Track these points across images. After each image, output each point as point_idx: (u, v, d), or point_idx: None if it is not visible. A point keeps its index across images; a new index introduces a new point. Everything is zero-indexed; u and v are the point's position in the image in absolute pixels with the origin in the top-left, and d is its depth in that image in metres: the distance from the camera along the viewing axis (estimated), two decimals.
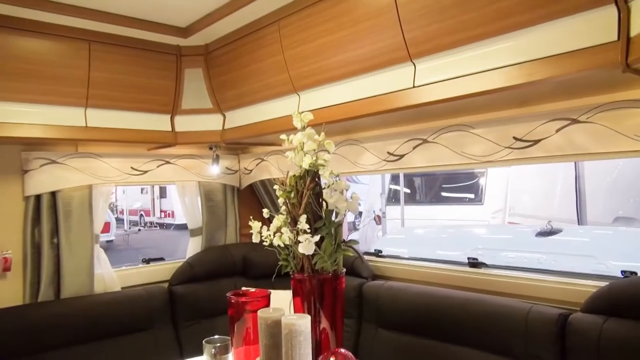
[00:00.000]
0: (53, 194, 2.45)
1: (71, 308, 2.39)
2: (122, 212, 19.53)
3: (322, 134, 1.65)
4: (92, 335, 2.38)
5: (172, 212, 17.45)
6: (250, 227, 3.24)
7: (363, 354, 2.33)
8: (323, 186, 1.72)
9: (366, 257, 2.73)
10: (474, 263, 2.35)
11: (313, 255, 1.69)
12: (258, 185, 3.12)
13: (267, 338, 1.54)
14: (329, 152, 1.70)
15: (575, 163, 5.23)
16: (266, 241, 1.78)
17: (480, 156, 1.92)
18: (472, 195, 7.74)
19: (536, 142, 1.76)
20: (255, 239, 1.79)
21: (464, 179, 7.95)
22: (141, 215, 19.07)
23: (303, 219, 1.61)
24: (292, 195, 1.73)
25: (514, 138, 1.82)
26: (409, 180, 8.90)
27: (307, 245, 1.60)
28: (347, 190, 1.72)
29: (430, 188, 8.69)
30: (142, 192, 19.02)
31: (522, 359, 1.83)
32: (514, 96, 1.67)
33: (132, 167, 2.72)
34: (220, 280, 2.85)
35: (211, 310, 2.74)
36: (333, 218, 1.73)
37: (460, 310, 2.10)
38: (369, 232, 8.22)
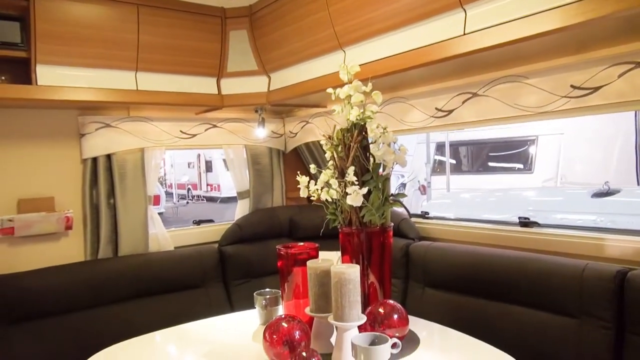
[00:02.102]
0: (108, 157, 2.55)
1: (128, 265, 2.51)
2: (170, 186, 20.14)
3: (370, 84, 1.62)
4: (147, 291, 2.50)
5: (218, 186, 17.84)
6: (296, 190, 3.27)
7: (410, 312, 2.31)
8: (370, 140, 1.71)
9: (413, 220, 2.71)
10: (525, 222, 2.29)
11: (361, 209, 1.70)
12: (303, 148, 3.13)
13: (316, 287, 1.56)
14: (376, 104, 1.68)
15: (635, 118, 4.94)
16: (314, 196, 1.78)
17: (535, 107, 1.84)
18: (520, 165, 7.50)
19: (596, 89, 1.66)
20: (303, 193, 1.80)
21: (512, 147, 7.71)
22: (189, 189, 19.62)
23: (351, 170, 1.60)
24: (340, 149, 1.72)
25: (572, 86, 1.73)
26: (455, 150, 8.71)
27: (355, 197, 1.60)
28: (394, 143, 1.70)
29: (476, 157, 8.48)
30: (189, 167, 19.51)
31: (576, 316, 1.78)
32: (570, 41, 1.58)
33: (181, 131, 2.79)
34: (268, 242, 2.90)
35: (260, 270, 2.81)
36: (380, 171, 1.72)
37: (510, 268, 2.05)
38: (413, 201, 8.14)
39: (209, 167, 18.66)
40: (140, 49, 2.33)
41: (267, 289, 1.90)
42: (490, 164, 8.15)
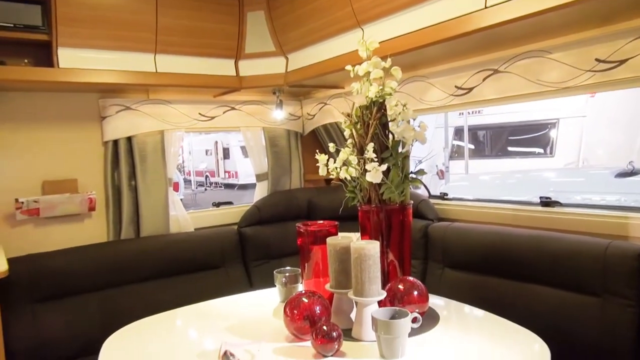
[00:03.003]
0: (129, 140, 2.59)
1: (150, 246, 2.55)
2: (189, 174, 20.34)
3: (389, 59, 1.61)
4: (169, 271, 2.54)
5: (236, 173, 17.95)
6: (314, 173, 3.27)
7: (430, 292, 2.33)
8: (389, 117, 1.70)
9: (431, 201, 2.69)
10: (546, 202, 2.26)
11: (380, 186, 1.69)
12: (321, 130, 3.13)
13: (336, 264, 1.57)
14: (395, 81, 1.66)
15: None
16: (333, 174, 1.78)
17: (558, 83, 1.80)
18: (541, 150, 7.39)
19: (621, 62, 1.62)
20: (322, 172, 1.80)
21: (533, 130, 7.59)
22: (206, 176, 19.79)
23: (370, 147, 1.60)
24: (359, 126, 1.72)
25: (597, 60, 1.69)
26: (473, 134, 8.61)
27: (374, 174, 1.59)
28: (414, 120, 1.68)
29: (496, 142, 8.38)
30: (206, 154, 19.66)
31: (599, 295, 1.76)
32: (595, 13, 1.54)
33: (199, 113, 2.81)
34: (286, 223, 2.92)
35: (278, 251, 2.83)
36: (400, 149, 1.71)
37: (531, 248, 2.03)
38: (431, 187, 8.09)
39: (226, 154, 18.77)
40: (159, 31, 2.34)
41: (288, 267, 1.92)
42: (510, 148, 8.05)
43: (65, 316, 2.23)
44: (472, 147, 8.49)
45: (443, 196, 2.80)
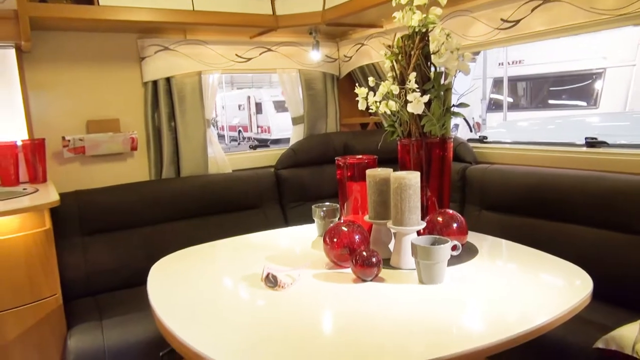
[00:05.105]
0: (168, 81, 2.61)
1: (190, 185, 2.61)
2: (222, 129, 20.53)
3: None
4: (208, 209, 2.61)
5: (268, 128, 18.02)
6: (350, 117, 3.25)
7: None
8: (432, 50, 1.65)
9: (470, 144, 2.64)
10: (592, 142, 2.19)
11: (420, 119, 1.67)
12: (357, 73, 3.07)
13: (375, 195, 1.57)
14: (440, 7, 1.60)
15: None
16: (372, 108, 1.76)
17: (614, 10, 1.70)
18: (584, 102, 7.09)
19: None
20: (361, 106, 1.78)
21: (576, 81, 7.26)
22: (239, 131, 19.92)
23: (412, 77, 1.56)
24: (400, 57, 1.68)
25: None
26: (513, 86, 8.31)
27: (416, 105, 1.57)
28: (459, 50, 1.63)
29: (536, 94, 8.08)
30: (239, 109, 19.73)
31: None
32: None
33: (236, 54, 2.79)
34: (322, 167, 2.94)
35: (314, 194, 2.86)
36: (442, 81, 1.66)
37: (573, 187, 1.99)
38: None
39: (259, 109, 18.79)
40: None
41: (326, 202, 1.94)
42: (551, 101, 7.76)
43: (112, 249, 2.33)
44: (511, 100, 8.22)
45: (482, 139, 2.74)
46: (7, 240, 1.73)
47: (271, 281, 1.37)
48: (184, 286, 1.44)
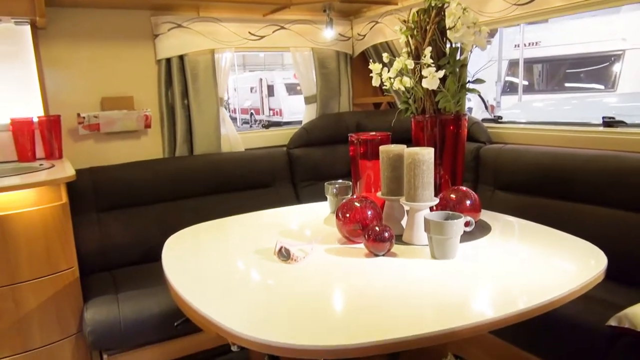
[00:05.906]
0: (181, 58, 2.61)
1: (203, 163, 2.63)
2: (234, 111, 20.53)
3: None
4: (221, 187, 2.63)
5: (280, 110, 17.98)
6: (363, 97, 3.22)
7: None
8: (448, 25, 1.62)
9: (485, 124, 2.62)
10: (610, 122, 2.15)
11: (435, 95, 1.65)
12: (371, 52, 3.04)
13: (388, 170, 1.57)
14: None
15: None
16: (386, 85, 1.75)
17: None
18: (601, 86, 6.96)
19: None
20: (375, 82, 1.76)
21: (594, 63, 7.13)
22: (251, 113, 19.91)
23: (428, 51, 1.55)
24: (415, 32, 1.66)
25: None
26: (528, 68, 8.18)
27: (431, 80, 1.55)
28: (475, 25, 1.60)
29: (552, 76, 7.95)
30: (251, 91, 19.69)
31: None
32: None
33: (249, 32, 2.78)
34: (335, 146, 2.93)
35: (327, 173, 2.86)
36: (458, 57, 1.64)
37: (589, 167, 1.96)
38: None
39: (271, 91, 18.74)
40: None
41: (339, 180, 1.94)
42: (567, 84, 7.63)
43: (127, 225, 2.37)
44: (526, 82, 8.10)
45: (497, 119, 2.71)
46: (25, 214, 1.76)
47: (284, 255, 1.38)
48: (198, 258, 1.46)
